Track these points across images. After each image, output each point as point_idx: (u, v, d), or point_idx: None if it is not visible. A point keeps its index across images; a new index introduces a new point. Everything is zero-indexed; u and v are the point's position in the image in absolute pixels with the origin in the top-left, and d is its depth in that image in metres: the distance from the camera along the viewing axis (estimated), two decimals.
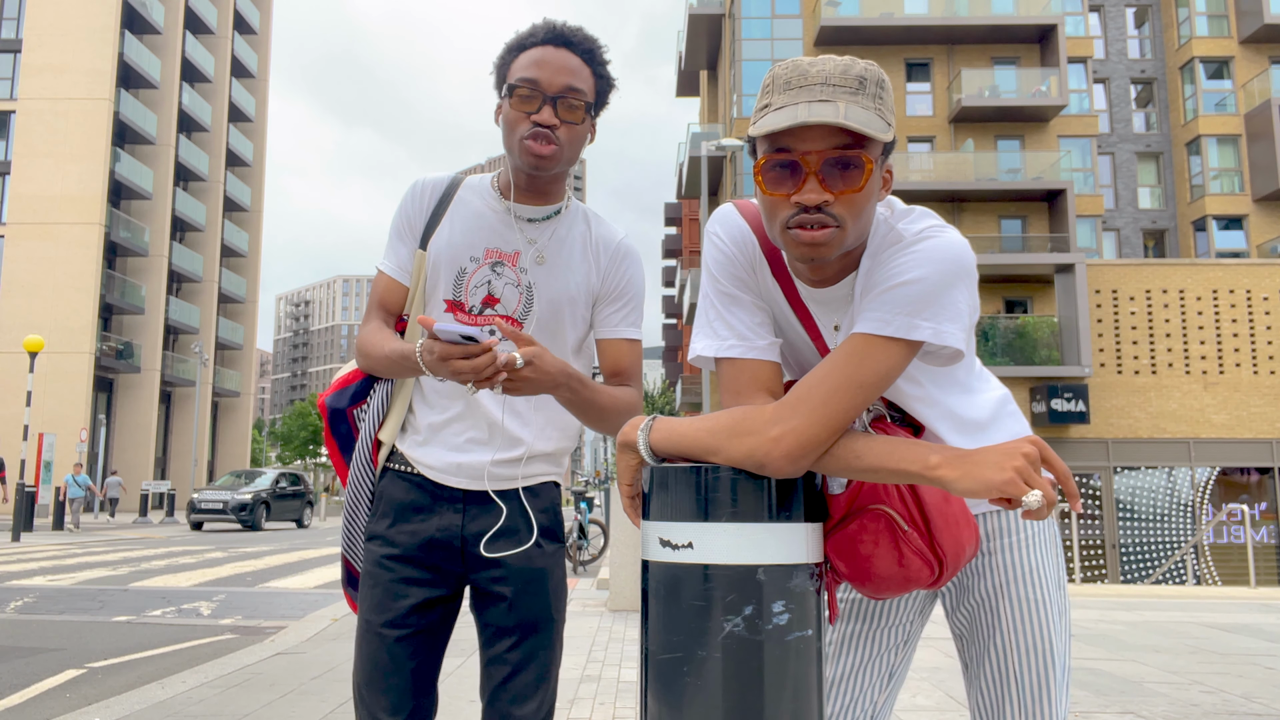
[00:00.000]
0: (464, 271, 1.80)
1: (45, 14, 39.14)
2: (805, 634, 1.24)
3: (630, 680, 4.86)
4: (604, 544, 13.61)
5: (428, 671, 1.79)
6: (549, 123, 1.71)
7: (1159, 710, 4.39)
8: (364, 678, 1.78)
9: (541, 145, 1.71)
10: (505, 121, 1.76)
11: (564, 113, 1.73)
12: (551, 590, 1.81)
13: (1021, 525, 1.52)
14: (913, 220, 1.39)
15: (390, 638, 1.75)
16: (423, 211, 1.85)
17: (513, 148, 1.75)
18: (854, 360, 1.30)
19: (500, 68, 1.80)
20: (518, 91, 1.72)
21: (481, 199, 1.85)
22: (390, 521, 1.80)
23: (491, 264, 1.81)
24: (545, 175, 1.78)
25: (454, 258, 1.81)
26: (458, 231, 1.82)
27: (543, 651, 1.77)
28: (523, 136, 1.72)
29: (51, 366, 36.12)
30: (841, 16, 28.20)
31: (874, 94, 1.29)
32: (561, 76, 1.73)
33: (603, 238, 1.88)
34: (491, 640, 1.79)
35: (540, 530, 1.82)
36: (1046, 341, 22.27)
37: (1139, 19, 36.71)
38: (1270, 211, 33.56)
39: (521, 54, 1.76)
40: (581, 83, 1.75)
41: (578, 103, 1.74)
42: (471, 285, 1.80)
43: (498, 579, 1.78)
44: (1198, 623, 7.89)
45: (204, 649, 6.31)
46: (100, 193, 38.16)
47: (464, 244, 1.81)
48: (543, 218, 1.84)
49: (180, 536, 20.65)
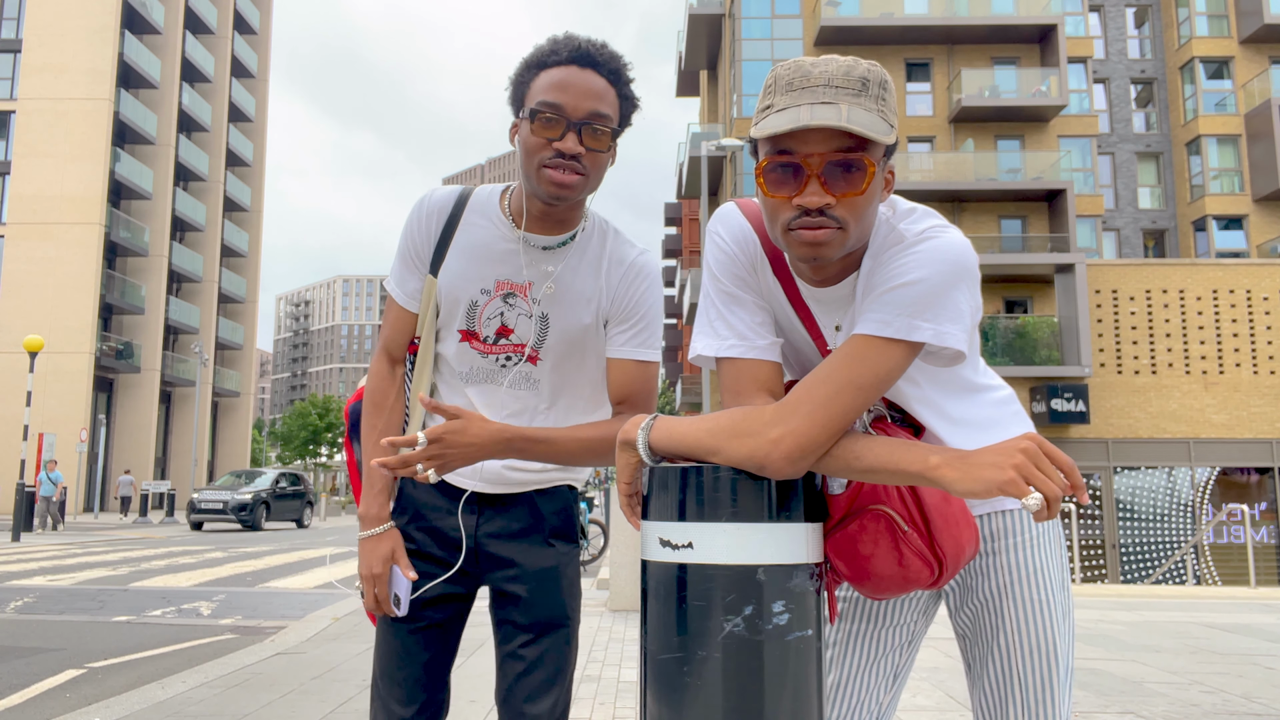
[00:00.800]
0: (475, 304, 1.76)
1: (45, 14, 39.14)
2: (805, 634, 1.24)
3: (630, 680, 4.86)
4: (604, 544, 13.61)
5: (439, 666, 1.82)
6: (573, 151, 1.60)
7: (1159, 710, 4.39)
8: (380, 669, 1.82)
9: (565, 175, 1.61)
10: (524, 146, 1.64)
11: (589, 140, 1.62)
12: (565, 590, 1.82)
13: (1025, 526, 1.51)
14: (915, 220, 1.38)
15: (404, 629, 1.79)
16: (430, 238, 1.79)
17: (531, 174, 1.64)
18: (854, 361, 1.29)
19: (518, 85, 1.67)
20: (540, 116, 1.60)
21: (491, 225, 1.76)
22: (408, 519, 1.83)
23: (503, 295, 1.76)
24: (563, 205, 1.68)
25: (465, 290, 1.76)
26: (468, 262, 1.76)
27: (557, 650, 1.78)
28: (543, 164, 1.61)
29: (51, 366, 36.12)
30: (841, 16, 28.20)
31: (877, 95, 1.28)
32: (588, 101, 1.61)
33: (616, 255, 1.79)
34: (507, 638, 1.80)
35: (552, 530, 1.82)
36: (1046, 341, 22.27)
37: (1139, 19, 36.71)
38: (1270, 211, 33.56)
39: (543, 73, 1.63)
40: (607, 107, 1.63)
41: (603, 129, 1.63)
42: (484, 317, 1.77)
43: (512, 579, 1.79)
44: (1198, 623, 7.89)
45: (204, 649, 6.31)
46: (100, 193, 38.16)
47: (475, 275, 1.76)
48: (558, 244, 1.75)
49: (180, 536, 20.65)
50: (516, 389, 1.79)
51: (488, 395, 1.79)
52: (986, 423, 1.51)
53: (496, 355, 1.78)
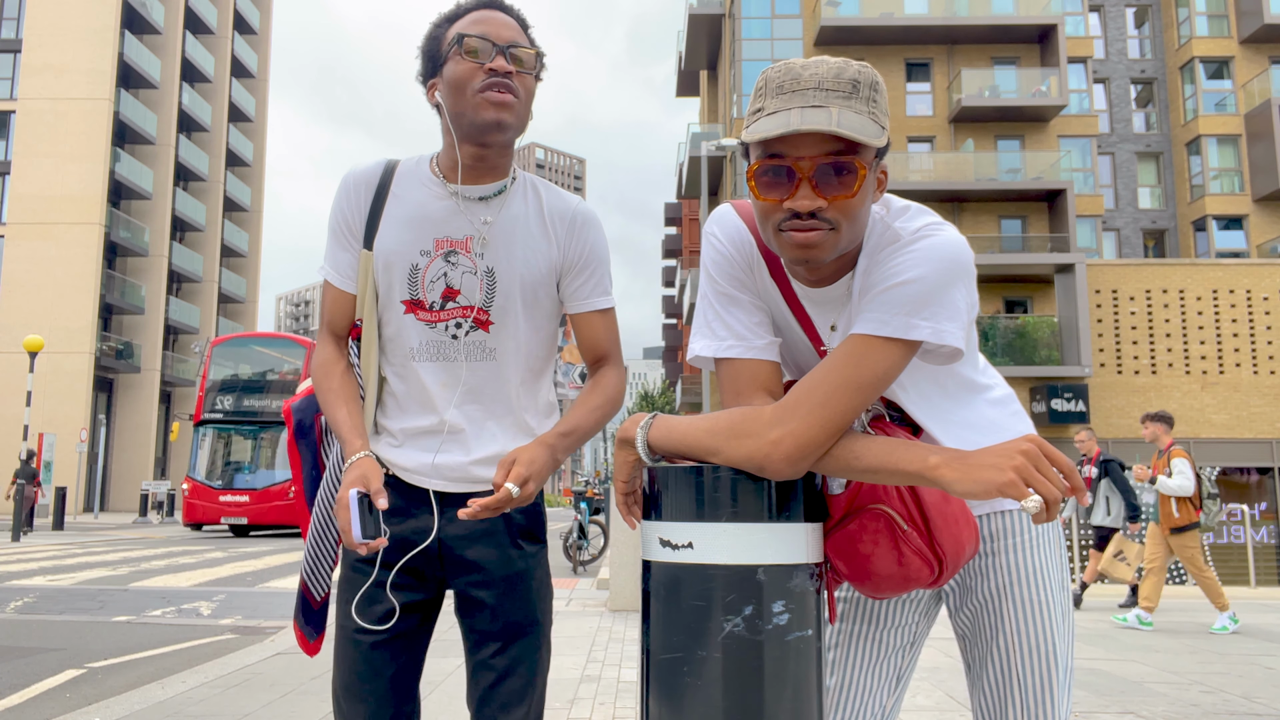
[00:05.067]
0: (416, 268, 1.69)
1: (45, 14, 39.13)
2: (805, 634, 1.24)
3: (630, 680, 4.86)
4: (604, 544, 13.60)
5: (408, 678, 1.74)
6: (505, 69, 1.61)
7: (1159, 710, 4.39)
8: (341, 685, 1.73)
9: (502, 94, 1.61)
10: (452, 84, 1.64)
11: (516, 63, 1.64)
12: (535, 592, 1.74)
13: (1025, 527, 1.51)
14: (909, 218, 1.38)
15: (367, 644, 1.70)
16: (360, 210, 1.73)
17: (465, 108, 1.63)
18: (852, 361, 1.29)
19: (432, 41, 1.69)
20: (467, 43, 1.62)
21: (422, 186, 1.72)
22: None
23: (444, 254, 1.70)
24: (501, 140, 1.65)
25: (403, 255, 1.69)
26: (402, 225, 1.70)
27: (529, 656, 1.72)
28: (478, 89, 1.61)
29: (51, 366, 36.11)
30: (841, 16, 28.19)
31: (867, 97, 1.28)
32: (508, 31, 1.65)
33: (557, 207, 1.76)
34: (476, 646, 1.73)
35: (519, 531, 1.74)
36: (1046, 341, 22.26)
37: (1139, 19, 36.70)
38: (1270, 211, 33.55)
39: (457, 21, 1.68)
40: (525, 42, 1.68)
41: (528, 53, 1.66)
42: (427, 280, 1.69)
43: (477, 583, 1.71)
44: (1198, 623, 7.89)
45: (204, 649, 6.31)
46: (100, 193, 38.16)
47: (411, 238, 1.69)
48: (493, 194, 1.72)
49: (180, 536, 20.65)
50: (473, 362, 1.71)
51: (444, 372, 1.71)
52: (984, 424, 1.50)
53: (445, 323, 1.70)
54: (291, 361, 22.36)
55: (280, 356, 22.64)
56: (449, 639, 5.86)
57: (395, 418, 1.75)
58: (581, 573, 12.49)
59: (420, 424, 1.73)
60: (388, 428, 1.76)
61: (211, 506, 20.75)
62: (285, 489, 20.77)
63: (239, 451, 21.74)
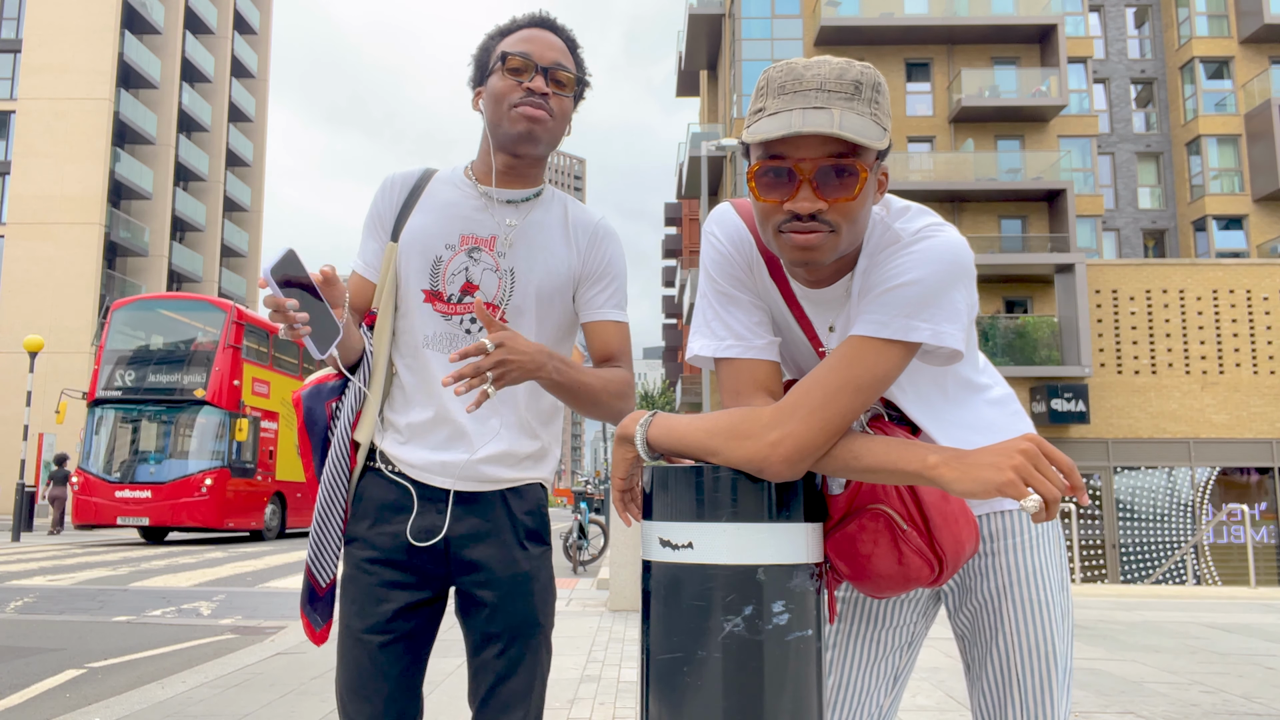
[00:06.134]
0: (439, 260, 1.75)
1: (45, 14, 39.13)
2: (805, 634, 1.24)
3: (630, 680, 4.86)
4: (604, 544, 13.61)
5: (412, 678, 1.74)
6: (542, 89, 1.71)
7: (1159, 710, 4.39)
8: (346, 686, 1.73)
9: (535, 110, 1.70)
10: (492, 96, 1.73)
11: (555, 85, 1.74)
12: (537, 594, 1.75)
13: (1024, 527, 1.51)
14: (910, 219, 1.38)
15: (373, 644, 1.70)
16: (393, 205, 1.81)
17: (501, 120, 1.72)
18: (852, 362, 1.29)
19: (483, 53, 1.79)
20: (510, 60, 1.71)
21: (455, 187, 1.81)
22: (371, 522, 1.74)
23: (468, 250, 1.76)
24: (532, 153, 1.74)
25: (427, 246, 1.76)
26: (430, 219, 1.77)
27: (529, 657, 1.73)
28: (514, 104, 1.70)
29: (51, 366, 36.10)
30: (841, 16, 28.19)
31: (869, 99, 1.28)
32: (551, 52, 1.74)
33: (580, 219, 1.84)
34: (477, 647, 1.74)
35: (525, 532, 1.76)
36: (1046, 341, 22.26)
37: (1139, 19, 36.69)
38: (1270, 211, 33.54)
39: (507, 36, 1.76)
40: (569, 63, 1.77)
41: (568, 74, 1.75)
42: (449, 273, 1.75)
43: (481, 583, 1.72)
44: (1198, 623, 7.89)
45: (204, 649, 6.31)
46: (100, 193, 38.15)
47: (437, 231, 1.76)
48: (522, 199, 1.80)
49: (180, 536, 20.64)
50: None
51: (452, 365, 1.70)
52: (983, 424, 1.50)
53: (460, 317, 1.74)
54: (209, 329, 18.20)
55: (194, 323, 18.48)
56: (449, 639, 5.86)
57: (401, 411, 1.78)
58: (581, 573, 12.49)
59: (425, 416, 1.75)
60: (394, 422, 1.78)
61: (106, 504, 17.05)
62: (198, 482, 17.10)
63: (145, 439, 17.70)
